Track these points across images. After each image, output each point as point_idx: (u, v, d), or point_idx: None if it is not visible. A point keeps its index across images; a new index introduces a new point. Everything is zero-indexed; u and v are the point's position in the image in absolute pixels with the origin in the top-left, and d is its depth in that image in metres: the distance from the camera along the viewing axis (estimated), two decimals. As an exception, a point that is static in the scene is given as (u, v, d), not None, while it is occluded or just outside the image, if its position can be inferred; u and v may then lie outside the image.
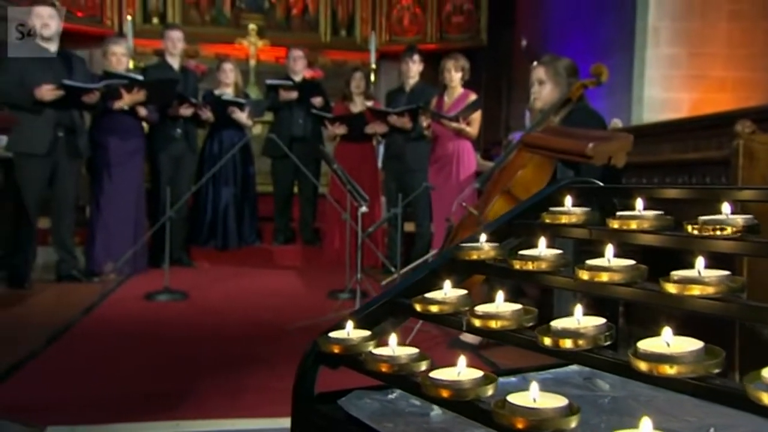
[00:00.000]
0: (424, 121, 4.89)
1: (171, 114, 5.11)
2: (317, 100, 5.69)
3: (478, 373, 0.67)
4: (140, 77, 4.93)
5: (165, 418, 2.17)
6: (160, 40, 5.52)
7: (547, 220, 0.91)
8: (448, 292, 0.83)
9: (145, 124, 5.10)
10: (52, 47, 4.49)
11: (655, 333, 0.61)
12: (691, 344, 0.58)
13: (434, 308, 0.82)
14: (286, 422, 2.18)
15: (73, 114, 4.52)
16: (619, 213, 0.80)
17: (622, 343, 0.79)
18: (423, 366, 0.74)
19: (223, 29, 8.60)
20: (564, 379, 0.92)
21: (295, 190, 5.98)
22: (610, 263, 0.73)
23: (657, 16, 6.79)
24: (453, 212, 3.60)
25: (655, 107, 6.78)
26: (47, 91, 4.29)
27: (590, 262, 0.74)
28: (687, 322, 0.80)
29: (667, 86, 6.88)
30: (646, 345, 0.60)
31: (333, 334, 0.85)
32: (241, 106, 5.51)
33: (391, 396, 0.88)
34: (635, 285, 0.72)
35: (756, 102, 5.78)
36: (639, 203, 0.80)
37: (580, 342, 0.65)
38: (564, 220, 0.89)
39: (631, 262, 0.73)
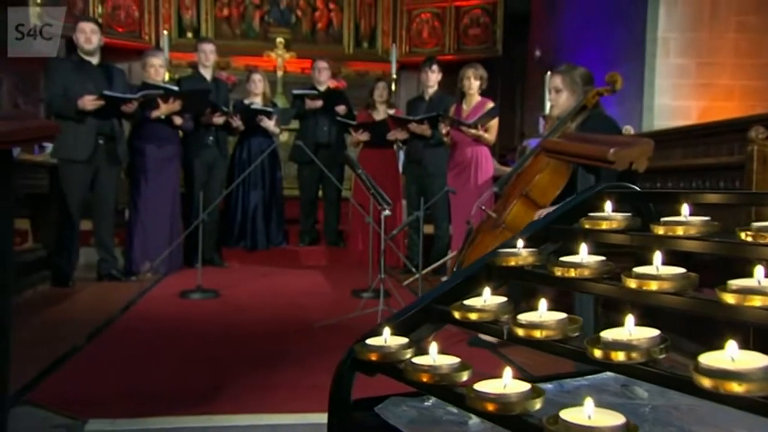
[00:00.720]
0: (444, 128, 4.84)
1: (204, 122, 5.10)
2: (341, 108, 5.66)
3: (524, 386, 0.61)
4: (176, 88, 4.92)
5: (198, 412, 2.13)
6: (194, 53, 5.52)
7: (587, 226, 0.85)
8: (488, 299, 0.77)
9: (180, 132, 5.10)
10: (94, 60, 4.50)
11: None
12: (757, 360, 0.52)
13: (473, 316, 0.76)
14: (314, 418, 2.15)
15: (113, 122, 4.53)
16: (664, 219, 0.74)
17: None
18: (464, 376, 0.68)
19: (252, 42, 8.62)
20: (600, 386, 0.86)
21: (320, 193, 5.95)
22: (659, 271, 0.67)
23: (666, 28, 6.70)
24: (472, 215, 3.53)
25: (665, 114, 6.69)
26: (89, 101, 4.30)
27: (638, 269, 0.68)
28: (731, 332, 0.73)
29: (676, 94, 6.78)
30: (708, 360, 0.53)
31: (370, 341, 0.79)
32: (269, 115, 5.49)
33: (427, 403, 0.82)
34: (686, 294, 0.66)
35: (762, 110, 5.66)
36: (685, 208, 0.74)
37: (634, 355, 0.59)
38: (604, 225, 0.82)
39: (681, 270, 0.67)
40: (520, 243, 0.85)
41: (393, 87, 7.22)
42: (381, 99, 5.53)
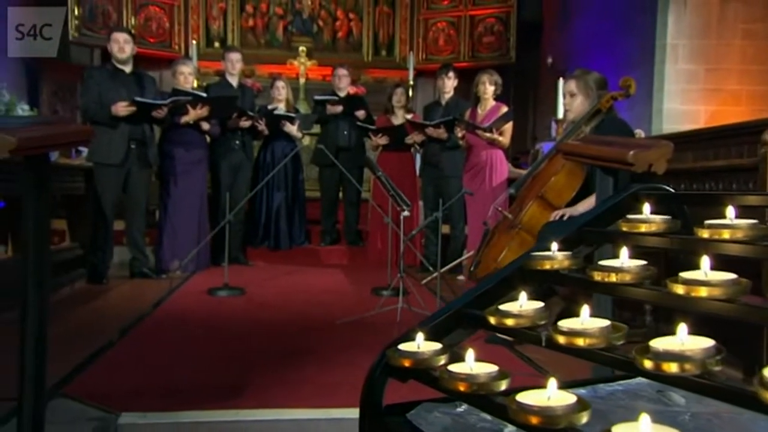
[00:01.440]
0: (459, 132, 4.79)
1: (231, 126, 5.09)
2: (360, 113, 5.62)
3: (570, 398, 0.56)
4: (204, 95, 4.92)
5: (225, 406, 2.10)
6: (221, 62, 5.51)
7: (625, 228, 0.79)
8: (524, 304, 0.71)
9: (207, 137, 5.10)
10: (127, 68, 4.51)
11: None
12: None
13: (510, 321, 0.70)
14: (337, 413, 2.11)
15: (145, 127, 4.53)
16: (708, 222, 0.68)
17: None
18: (503, 384, 0.63)
19: (276, 51, 8.61)
20: (635, 392, 0.80)
21: (340, 195, 5.91)
22: (707, 277, 0.61)
23: (675, 35, 6.60)
24: (489, 216, 3.47)
25: (673, 119, 6.59)
26: (122, 107, 4.31)
27: (685, 275, 0.62)
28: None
29: (685, 99, 6.68)
30: (776, 375, 0.48)
31: (403, 347, 0.73)
32: (292, 120, 5.48)
33: (459, 409, 0.76)
34: (738, 301, 0.60)
35: None
36: (730, 211, 0.68)
37: (687, 366, 0.53)
38: (644, 228, 0.76)
39: (732, 275, 0.61)
40: (555, 246, 0.79)
41: (410, 93, 7.16)
42: (399, 104, 5.49)
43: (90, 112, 4.37)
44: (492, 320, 0.72)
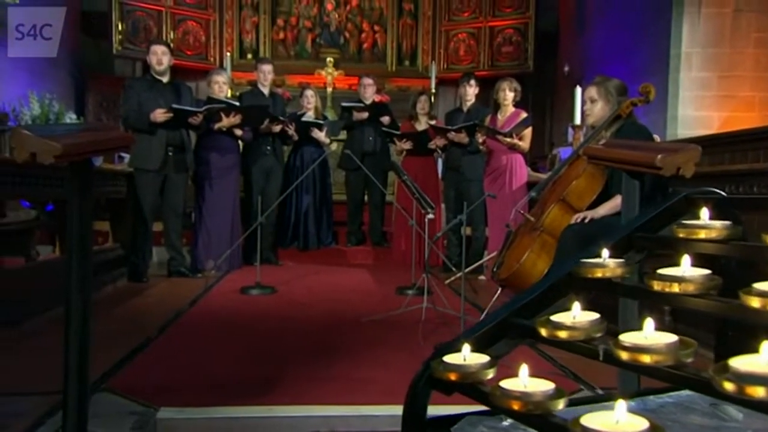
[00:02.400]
0: (480, 137, 4.72)
1: (263, 131, 5.07)
2: (385, 119, 5.58)
3: (642, 423, 0.49)
4: (237, 103, 4.91)
5: (258, 402, 2.05)
6: (254, 73, 5.50)
7: (681, 235, 0.71)
8: (578, 314, 0.64)
9: (240, 143, 5.08)
10: (165, 78, 4.51)
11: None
12: None
13: (563, 334, 0.63)
14: (366, 410, 2.05)
15: (182, 134, 4.53)
16: (777, 228, 0.61)
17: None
18: (560, 404, 0.56)
19: (305, 62, 8.61)
20: (687, 405, 0.72)
21: (366, 198, 5.87)
22: (784, 288, 0.54)
23: (689, 44, 6.46)
24: (512, 219, 3.39)
25: (688, 124, 6.46)
26: (160, 114, 4.31)
27: (760, 286, 0.55)
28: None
29: (699, 105, 6.54)
30: None
31: (448, 359, 0.66)
32: (320, 127, 5.46)
33: (505, 423, 0.70)
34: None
35: None
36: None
37: (775, 391, 0.46)
38: (702, 234, 0.68)
39: (811, 287, 0.54)
40: (606, 252, 0.72)
41: (432, 100, 7.09)
42: (423, 111, 5.43)
43: (130, 120, 4.39)
44: (543, 332, 0.64)
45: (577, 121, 6.03)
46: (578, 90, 6.05)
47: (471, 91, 5.09)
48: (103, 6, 8.30)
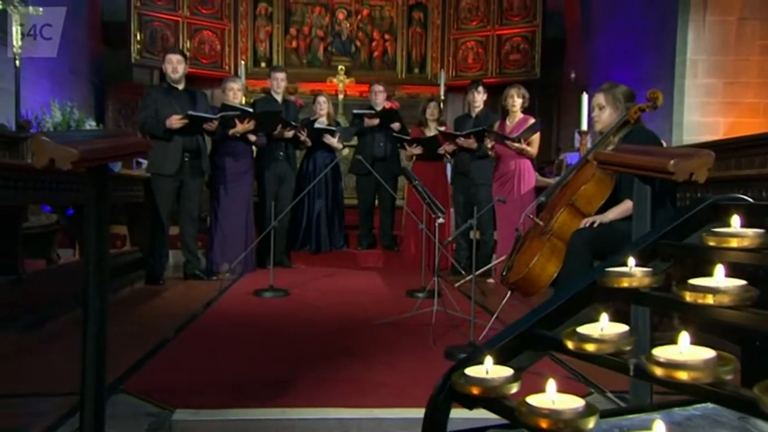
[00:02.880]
0: (489, 143, 4.67)
1: (276, 136, 5.05)
2: (396, 125, 5.55)
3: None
4: (251, 110, 4.90)
5: (273, 404, 2.02)
6: (267, 80, 5.50)
7: (712, 243, 0.66)
8: (606, 326, 0.60)
9: (254, 148, 5.07)
10: (180, 86, 4.52)
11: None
12: None
13: (590, 347, 0.58)
14: (379, 413, 2.01)
15: (198, 140, 4.53)
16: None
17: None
18: (591, 422, 0.52)
19: (317, 70, 8.61)
20: (715, 418, 0.67)
21: (376, 202, 5.84)
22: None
23: (695, 51, 6.41)
24: (521, 223, 3.35)
25: (693, 130, 6.40)
26: (175, 120, 4.31)
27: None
28: None
29: (705, 112, 6.47)
30: None
31: (470, 372, 0.61)
32: (332, 133, 5.44)
33: (529, 437, 0.66)
34: None
35: None
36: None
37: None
38: (735, 243, 0.64)
39: None
40: (632, 261, 0.67)
41: (441, 107, 7.07)
42: (432, 117, 5.40)
43: (147, 127, 4.39)
44: (569, 344, 0.59)
45: (584, 127, 5.98)
46: (585, 96, 6.00)
47: (479, 97, 5.05)
48: (122, 17, 8.35)
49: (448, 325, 3.10)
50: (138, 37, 8.11)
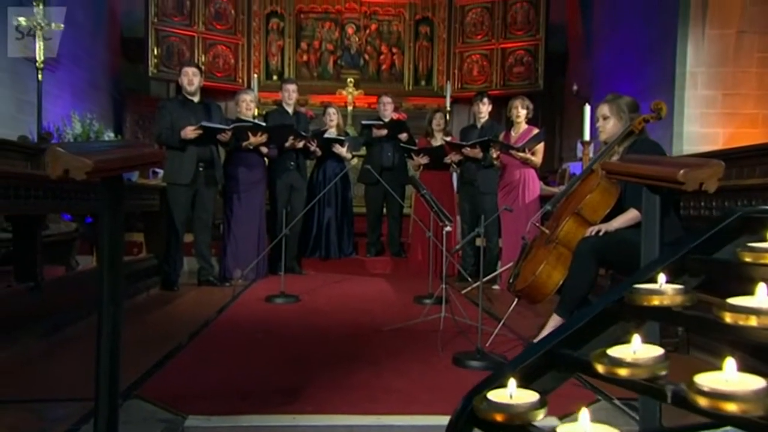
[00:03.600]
0: (494, 152, 4.62)
1: (288, 147, 5.03)
2: (403, 136, 5.52)
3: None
4: (264, 124, 4.88)
5: (283, 410, 1.97)
6: (279, 93, 5.48)
7: (748, 259, 0.60)
8: (639, 349, 0.54)
9: (266, 159, 5.05)
10: (195, 98, 4.50)
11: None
12: None
13: (623, 371, 0.51)
14: (388, 420, 1.96)
15: (212, 151, 4.50)
16: None
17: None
18: None
19: (327, 82, 8.62)
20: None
21: (384, 210, 5.80)
22: None
23: (695, 64, 6.36)
24: (527, 231, 3.29)
25: (693, 141, 6.34)
26: (190, 131, 4.29)
27: None
28: None
29: (704, 122, 6.41)
30: None
31: (493, 396, 0.54)
32: (341, 143, 5.41)
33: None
34: None
35: None
36: None
37: None
38: (772, 259, 0.58)
39: None
40: (662, 278, 0.61)
41: (447, 118, 7.04)
42: (438, 128, 5.36)
43: (162, 138, 4.37)
44: (599, 368, 0.53)
45: (587, 137, 5.92)
46: (587, 108, 5.94)
47: (484, 108, 5.01)
48: (140, 33, 8.39)
49: (456, 331, 3.04)
50: (155, 52, 8.14)
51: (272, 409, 1.99)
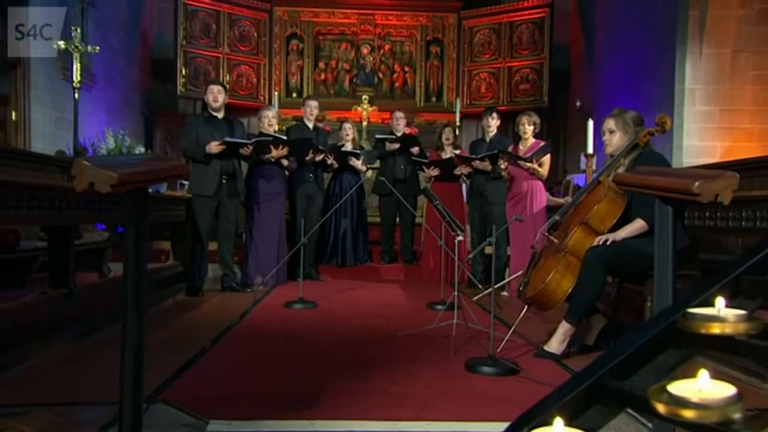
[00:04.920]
0: (503, 164, 4.53)
1: (308, 161, 4.98)
2: (415, 150, 5.46)
3: None
4: (284, 137, 4.84)
5: (301, 417, 1.90)
6: (298, 109, 5.45)
7: None
8: (704, 386, 0.44)
9: (286, 171, 5.01)
10: (220, 115, 4.47)
11: None
12: None
13: (689, 413, 0.40)
14: (404, 426, 1.86)
15: (234, 165, 4.47)
16: None
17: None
18: None
19: (343, 99, 8.61)
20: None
21: (397, 220, 5.73)
22: None
23: (693, 81, 6.29)
24: (537, 240, 3.19)
25: (693, 153, 6.25)
26: (214, 146, 4.26)
27: None
28: None
29: (702, 136, 6.32)
30: None
31: None
32: (357, 156, 5.36)
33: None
34: None
35: None
36: None
37: None
38: None
39: None
40: (721, 301, 0.51)
41: (457, 132, 6.98)
42: (448, 142, 5.29)
43: (188, 152, 4.34)
44: (660, 407, 0.42)
45: (590, 150, 5.82)
46: (590, 122, 5.84)
47: (493, 123, 4.93)
48: (170, 54, 8.46)
49: (467, 337, 2.95)
50: (183, 72, 8.19)
51: (291, 414, 1.92)
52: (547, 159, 4.47)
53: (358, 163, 5.36)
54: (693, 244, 2.95)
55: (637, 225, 2.65)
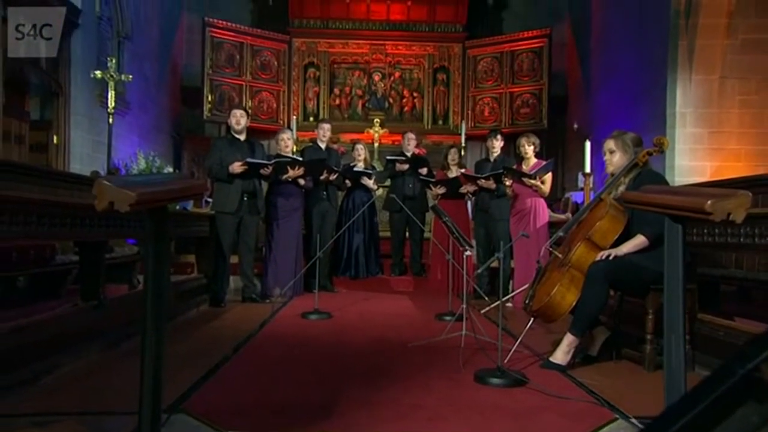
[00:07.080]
0: (507, 181, 4.44)
1: (323, 180, 4.93)
2: (423, 170, 5.39)
3: None
4: (301, 159, 4.79)
5: (315, 429, 1.79)
6: (314, 132, 5.42)
7: None
8: None
9: (303, 189, 4.95)
10: (242, 137, 4.44)
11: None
12: None
13: None
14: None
15: (255, 183, 4.42)
16: None
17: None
18: None
19: (356, 122, 8.60)
20: None
21: (407, 235, 5.64)
22: None
23: (683, 105, 6.26)
24: (542, 255, 3.09)
25: (684, 173, 6.19)
26: (237, 166, 4.22)
27: None
28: None
29: (693, 157, 6.26)
30: None
31: None
32: (369, 175, 5.30)
33: None
34: None
35: (765, 169, 5.12)
36: None
37: None
38: None
39: None
40: None
41: (462, 153, 6.91)
42: (453, 162, 5.22)
43: (213, 172, 4.31)
44: None
45: (587, 169, 5.73)
46: (588, 143, 5.76)
47: (497, 144, 4.85)
48: (197, 82, 8.51)
49: (475, 348, 2.83)
50: (209, 99, 8.23)
51: (305, 426, 1.81)
52: (549, 176, 4.37)
53: (369, 182, 5.30)
54: (692, 260, 2.84)
55: (638, 241, 2.56)
